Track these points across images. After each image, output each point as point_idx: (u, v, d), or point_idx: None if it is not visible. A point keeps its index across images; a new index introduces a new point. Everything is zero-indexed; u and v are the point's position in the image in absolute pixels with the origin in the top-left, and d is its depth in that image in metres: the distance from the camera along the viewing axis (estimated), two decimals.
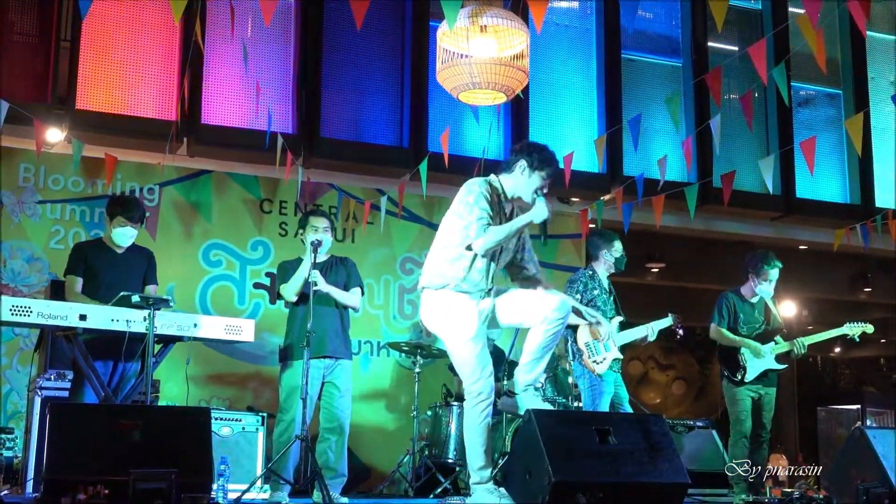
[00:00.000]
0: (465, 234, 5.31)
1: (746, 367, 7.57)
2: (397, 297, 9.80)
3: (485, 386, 5.23)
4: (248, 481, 6.77)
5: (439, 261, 5.41)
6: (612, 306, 7.49)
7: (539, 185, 5.42)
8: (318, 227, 6.95)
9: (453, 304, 5.34)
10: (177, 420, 5.39)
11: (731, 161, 10.56)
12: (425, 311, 5.48)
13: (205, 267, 9.11)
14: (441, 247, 5.44)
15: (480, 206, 5.29)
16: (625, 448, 5.29)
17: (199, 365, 8.34)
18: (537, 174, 5.42)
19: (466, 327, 5.33)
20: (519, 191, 5.45)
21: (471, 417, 5.27)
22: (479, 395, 5.22)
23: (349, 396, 6.90)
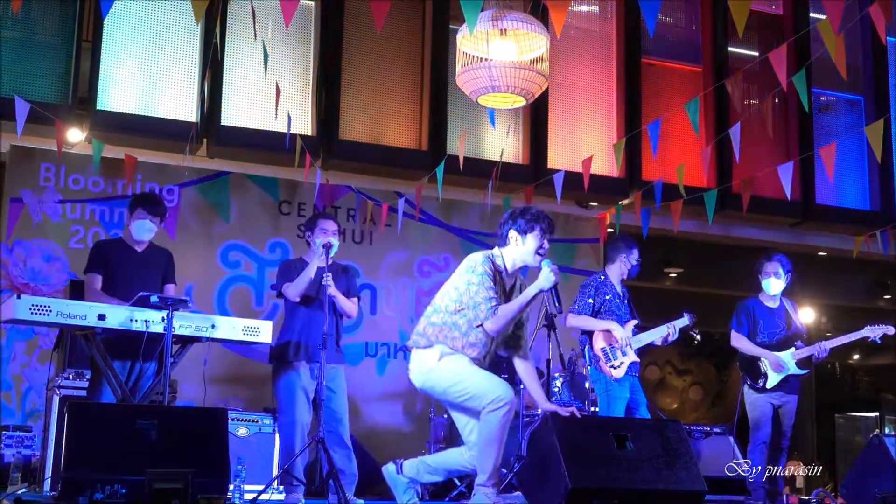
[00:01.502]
0: (460, 308, 5.26)
1: (767, 374, 7.53)
2: (414, 299, 9.78)
3: (504, 391, 5.12)
4: (263, 482, 6.78)
5: (426, 323, 5.38)
6: (626, 310, 7.47)
7: (537, 246, 5.35)
8: (327, 229, 6.95)
9: (443, 354, 5.29)
10: (194, 420, 5.41)
11: (751, 167, 10.50)
12: (411, 368, 5.43)
13: (223, 268, 9.12)
14: (431, 310, 5.40)
15: (486, 287, 5.25)
16: (642, 454, 5.28)
17: (216, 366, 8.34)
18: (530, 236, 5.37)
19: (458, 362, 5.26)
20: (520, 260, 5.39)
21: (489, 424, 5.10)
22: (499, 400, 5.08)
23: (345, 398, 6.91)
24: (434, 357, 5.27)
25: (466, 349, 5.25)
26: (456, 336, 5.26)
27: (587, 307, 7.30)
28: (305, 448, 6.62)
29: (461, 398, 5.20)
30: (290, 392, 6.72)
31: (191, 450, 5.08)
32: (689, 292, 12.59)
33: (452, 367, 5.24)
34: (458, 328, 5.27)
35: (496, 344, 5.41)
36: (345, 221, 9.59)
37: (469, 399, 5.16)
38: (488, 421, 5.08)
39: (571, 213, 10.51)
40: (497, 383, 5.16)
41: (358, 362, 9.34)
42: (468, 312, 5.25)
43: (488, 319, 5.21)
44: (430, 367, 5.31)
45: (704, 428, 8.73)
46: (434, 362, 5.27)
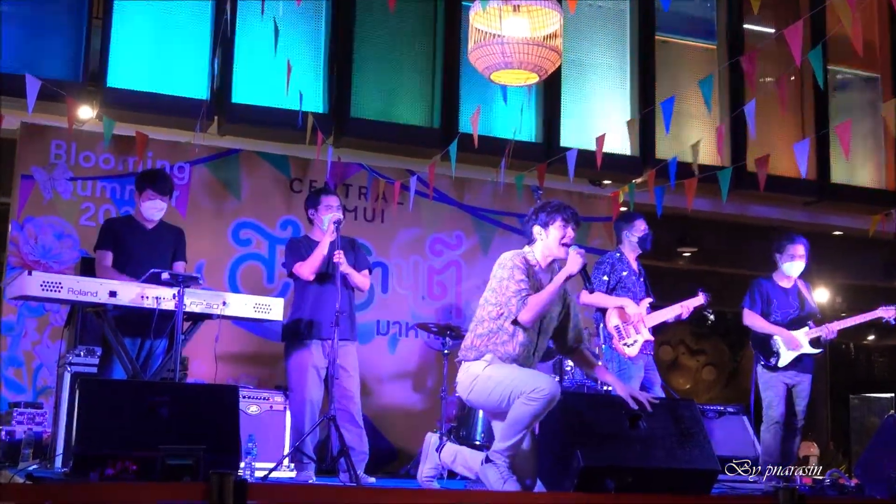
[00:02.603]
0: (501, 310, 5.27)
1: (780, 352, 7.51)
2: (426, 277, 9.78)
3: (546, 383, 5.03)
4: (274, 459, 6.81)
5: (473, 336, 5.39)
6: (642, 288, 7.46)
7: (561, 236, 5.36)
8: (332, 205, 6.96)
9: (490, 363, 5.28)
10: (205, 397, 5.42)
11: (766, 145, 10.45)
12: (458, 380, 5.43)
13: (234, 245, 9.12)
14: (475, 324, 5.42)
15: (516, 280, 5.26)
16: (655, 433, 5.28)
17: (227, 343, 8.34)
18: (552, 228, 5.38)
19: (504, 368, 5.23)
20: (548, 253, 5.39)
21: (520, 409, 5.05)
22: (539, 391, 5.00)
23: (357, 376, 6.93)
24: (480, 366, 5.28)
25: (517, 349, 5.25)
26: (505, 339, 5.27)
27: (602, 284, 7.30)
28: (316, 426, 6.64)
29: (504, 401, 5.14)
30: (302, 370, 6.74)
31: (202, 427, 5.09)
32: (703, 271, 12.58)
33: (497, 372, 5.23)
34: (505, 331, 5.27)
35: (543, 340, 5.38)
36: (356, 199, 9.58)
37: (510, 396, 5.10)
38: (520, 407, 5.04)
39: (584, 191, 10.48)
40: (542, 377, 5.13)
41: (369, 340, 9.35)
42: (505, 311, 5.26)
43: (519, 311, 5.21)
44: (475, 375, 5.31)
45: (718, 408, 8.72)
46: (479, 370, 5.28)
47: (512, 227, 10.05)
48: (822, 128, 10.87)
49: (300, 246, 6.99)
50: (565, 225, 5.36)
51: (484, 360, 5.27)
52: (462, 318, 9.73)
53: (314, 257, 6.80)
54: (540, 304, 5.19)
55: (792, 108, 11.34)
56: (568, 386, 7.94)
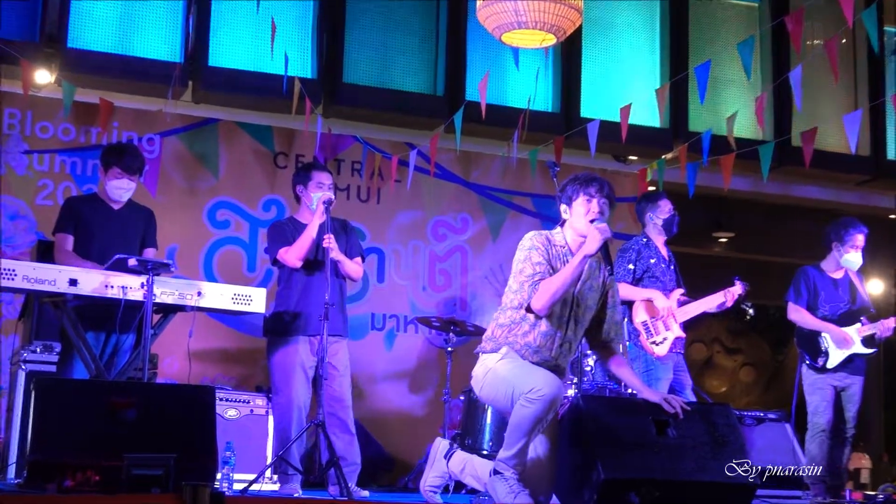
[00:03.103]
0: (520, 298, 5.28)
1: (829, 351, 7.51)
2: (427, 265, 9.78)
3: (545, 384, 5.03)
4: (255, 470, 6.82)
5: (494, 325, 5.41)
6: (672, 278, 7.46)
7: (587, 210, 5.33)
8: (324, 182, 6.96)
9: (505, 356, 5.29)
10: (177, 399, 5.43)
11: (813, 116, 10.43)
12: (473, 374, 5.45)
13: (210, 228, 9.13)
14: (498, 312, 5.43)
15: (532, 262, 5.25)
16: (685, 442, 5.28)
17: (202, 338, 8.37)
18: (576, 203, 5.37)
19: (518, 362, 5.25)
20: (577, 233, 5.35)
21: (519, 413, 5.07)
22: (536, 391, 5.00)
23: (349, 376, 6.95)
24: (495, 359, 5.30)
25: (538, 340, 5.25)
26: (526, 330, 5.28)
27: (627, 274, 7.29)
28: (303, 432, 6.65)
29: (508, 401, 5.16)
30: (287, 369, 6.75)
31: (173, 433, 5.10)
32: (740, 259, 12.58)
33: (505, 368, 5.24)
34: (527, 320, 5.28)
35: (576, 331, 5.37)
36: (348, 176, 9.59)
37: (512, 396, 5.11)
38: (519, 410, 5.05)
39: (607, 167, 10.47)
40: (543, 377, 5.11)
41: (362, 336, 9.36)
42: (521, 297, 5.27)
43: (531, 297, 5.21)
44: (487, 368, 5.33)
45: (757, 413, 8.72)
46: (493, 363, 5.30)
47: (524, 208, 10.05)
48: (877, 97, 10.84)
49: (285, 229, 6.99)
50: (590, 199, 5.34)
51: (500, 353, 5.28)
52: (468, 312, 9.75)
53: (301, 241, 6.80)
54: (553, 290, 5.17)
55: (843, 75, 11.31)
56: (588, 388, 7.95)
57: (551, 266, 5.26)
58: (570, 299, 5.29)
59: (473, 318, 9.58)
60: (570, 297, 5.29)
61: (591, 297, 5.39)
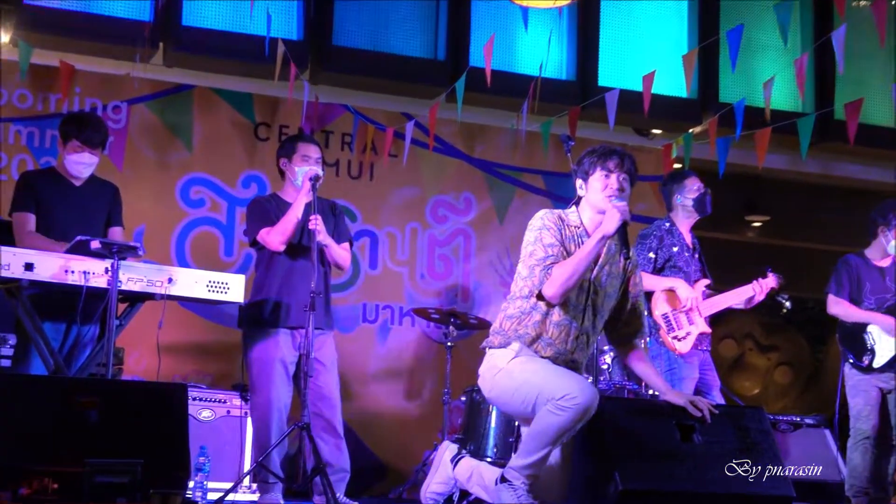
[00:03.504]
0: (529, 284, 5.29)
1: (875, 349, 7.53)
2: (426, 250, 9.78)
3: (580, 391, 5.00)
4: (232, 477, 6.83)
5: (502, 317, 5.41)
6: (696, 267, 7.46)
7: (604, 186, 5.32)
8: (311, 156, 6.96)
9: (518, 353, 5.29)
10: (145, 399, 5.43)
11: (859, 86, 10.42)
12: (481, 372, 5.45)
13: (183, 207, 9.12)
14: (506, 303, 5.45)
15: (544, 244, 5.26)
16: (713, 449, 5.30)
17: (173, 330, 8.34)
18: (593, 179, 5.37)
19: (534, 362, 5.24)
20: (594, 210, 5.35)
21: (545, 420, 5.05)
22: (570, 399, 4.97)
23: (336, 372, 6.96)
24: (506, 357, 5.29)
25: (552, 330, 5.25)
26: (538, 320, 5.28)
27: (647, 262, 7.30)
28: (285, 436, 6.66)
29: (529, 405, 5.14)
30: (266, 365, 6.76)
31: (141, 436, 5.11)
32: (776, 246, 12.59)
33: (524, 368, 5.23)
34: (539, 310, 5.28)
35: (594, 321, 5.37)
36: (338, 150, 9.58)
37: (536, 401, 5.09)
38: (546, 416, 5.02)
39: (628, 142, 10.43)
40: (576, 381, 5.10)
41: (352, 329, 9.37)
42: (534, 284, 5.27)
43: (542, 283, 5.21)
44: (498, 368, 5.32)
45: (794, 418, 8.74)
46: (504, 362, 5.29)
47: (535, 187, 10.05)
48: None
49: (268, 207, 6.99)
50: (608, 174, 5.33)
51: (511, 350, 5.28)
52: (470, 302, 9.75)
53: (286, 221, 6.79)
54: (567, 275, 5.16)
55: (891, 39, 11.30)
56: (604, 388, 7.96)
57: (564, 248, 5.25)
58: (586, 286, 5.29)
59: (477, 309, 9.59)
60: (587, 284, 5.29)
61: (610, 283, 5.39)
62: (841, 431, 8.17)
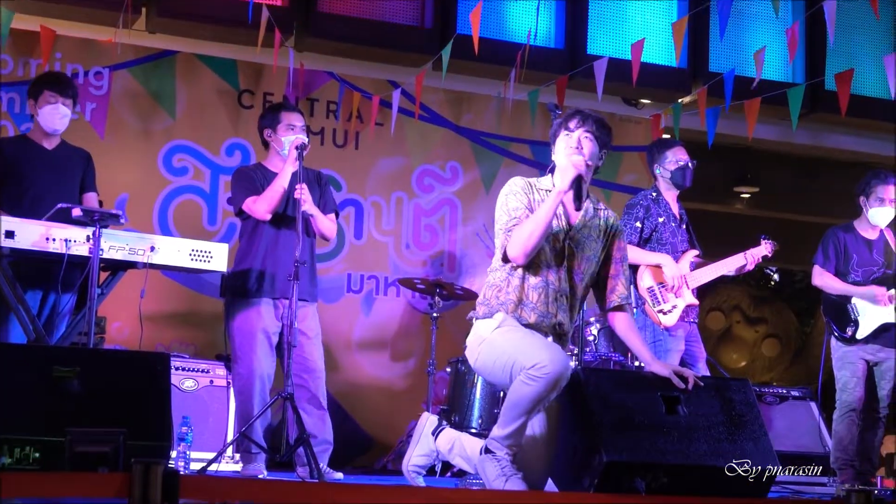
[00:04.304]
0: (501, 252, 5.32)
1: (859, 321, 7.56)
2: (412, 220, 9.79)
3: (550, 359, 5.00)
4: (215, 448, 6.85)
5: (486, 287, 5.44)
6: (683, 237, 7.48)
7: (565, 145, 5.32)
8: (295, 125, 6.97)
9: (502, 323, 5.29)
10: (127, 368, 5.43)
11: (850, 57, 10.44)
12: (468, 342, 5.45)
13: (166, 175, 9.12)
14: (489, 269, 5.46)
15: (509, 208, 5.29)
16: (698, 421, 5.32)
17: (156, 300, 8.38)
18: (558, 141, 5.38)
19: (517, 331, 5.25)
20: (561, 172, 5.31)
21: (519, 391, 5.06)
22: (539, 368, 4.98)
23: (320, 343, 7.00)
24: (490, 327, 5.30)
25: (530, 294, 5.27)
26: (517, 285, 5.29)
27: (633, 232, 7.30)
28: (268, 406, 6.68)
29: (507, 375, 5.16)
30: (248, 334, 6.78)
31: (123, 405, 5.11)
32: (765, 218, 12.61)
33: (502, 338, 5.24)
34: (517, 275, 5.30)
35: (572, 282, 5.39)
36: (323, 118, 9.58)
37: (512, 371, 5.11)
38: (518, 386, 5.05)
39: (616, 112, 10.47)
40: (549, 351, 5.09)
41: (337, 299, 9.39)
42: None
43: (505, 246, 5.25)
44: (482, 338, 5.34)
45: (779, 390, 8.79)
46: (488, 332, 5.30)
47: (522, 156, 10.06)
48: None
49: (253, 176, 7.00)
50: (569, 133, 5.33)
51: (495, 320, 5.29)
52: (457, 272, 9.77)
53: (272, 191, 6.80)
54: (526, 234, 5.16)
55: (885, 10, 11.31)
56: (590, 360, 7.99)
57: (531, 212, 5.26)
58: (560, 246, 5.30)
59: (462, 279, 9.61)
60: (562, 245, 5.31)
61: (588, 245, 5.38)
62: (827, 404, 8.22)
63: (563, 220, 5.34)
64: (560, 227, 5.31)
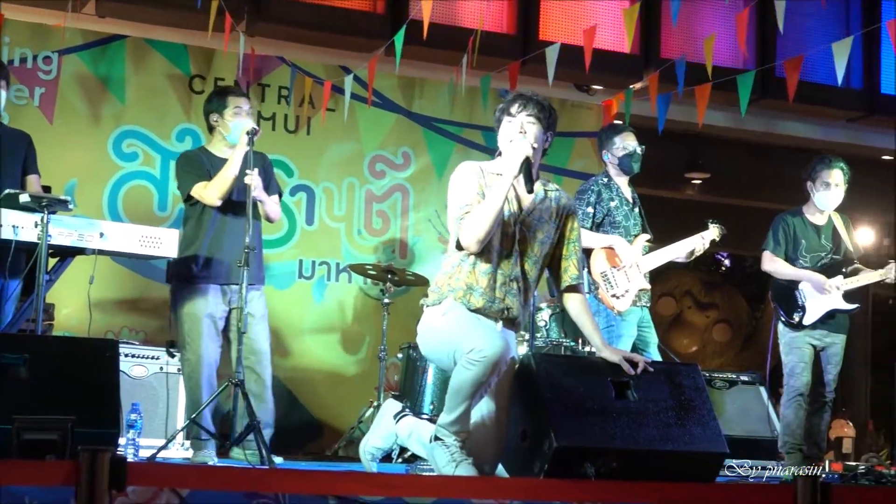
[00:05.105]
0: (454, 239, 5.31)
1: (806, 306, 7.61)
2: (363, 205, 9.78)
3: (487, 345, 5.03)
4: (164, 435, 6.83)
5: (439, 274, 5.44)
6: (636, 222, 7.51)
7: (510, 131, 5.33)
8: (242, 108, 6.94)
9: (450, 310, 5.30)
10: (75, 355, 5.40)
11: (800, 43, 10.50)
12: (418, 330, 5.47)
13: (116, 160, 9.07)
14: (444, 257, 5.47)
15: (461, 195, 5.27)
16: (648, 406, 5.33)
17: (105, 286, 8.34)
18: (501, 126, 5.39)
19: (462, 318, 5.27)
20: (505, 155, 5.31)
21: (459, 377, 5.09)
22: (476, 353, 5.00)
23: (267, 325, 6.99)
24: (438, 313, 5.31)
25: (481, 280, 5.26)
26: (468, 271, 5.29)
27: (585, 218, 7.32)
28: (219, 392, 6.67)
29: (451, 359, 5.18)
30: (196, 321, 6.77)
31: (71, 393, 5.09)
32: (716, 203, 12.67)
33: (446, 325, 5.26)
34: (469, 262, 5.29)
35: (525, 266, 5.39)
36: (275, 104, 9.55)
37: (454, 356, 5.14)
38: (459, 372, 5.07)
39: (569, 98, 10.50)
40: (486, 336, 5.11)
41: (288, 285, 9.38)
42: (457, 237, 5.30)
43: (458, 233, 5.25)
44: (430, 325, 5.36)
45: (729, 375, 8.84)
46: (437, 318, 5.32)
47: (474, 142, 10.07)
48: (872, 22, 10.90)
49: (200, 160, 6.97)
50: (511, 118, 5.33)
51: (443, 306, 5.31)
52: (409, 258, 9.78)
53: (223, 177, 6.76)
54: (477, 221, 5.16)
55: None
56: (541, 345, 8.02)
57: (483, 198, 5.27)
58: (512, 231, 5.31)
59: (414, 265, 9.61)
60: (513, 229, 5.31)
61: (540, 228, 5.38)
62: (775, 389, 8.28)
63: (515, 205, 5.34)
64: (511, 211, 5.31)
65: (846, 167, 7.74)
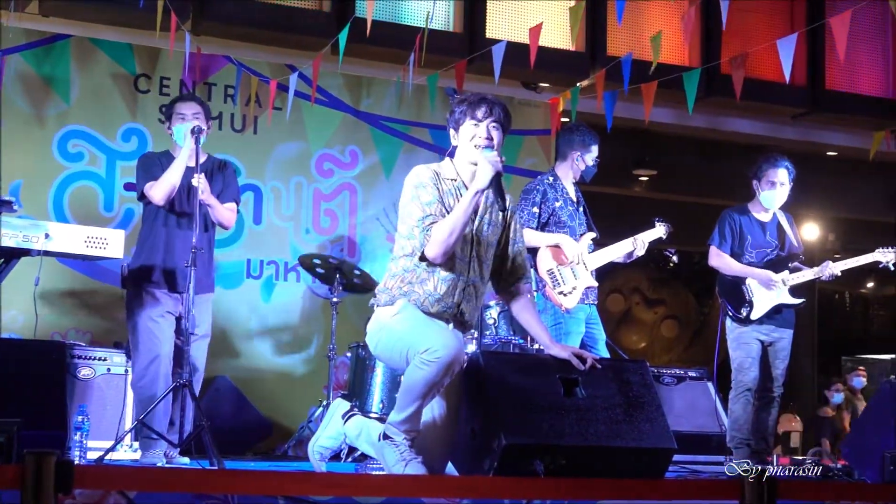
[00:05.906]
0: (412, 244, 5.28)
1: (753, 301, 7.67)
2: (311, 204, 9.77)
3: (442, 344, 5.01)
4: (113, 437, 6.80)
5: (387, 276, 5.41)
6: (581, 220, 7.54)
7: (472, 135, 5.31)
8: (185, 113, 6.92)
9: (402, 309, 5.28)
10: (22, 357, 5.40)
11: (745, 40, 10.57)
12: (368, 329, 5.44)
13: (61, 161, 9.02)
14: (391, 258, 5.45)
15: (422, 202, 5.25)
16: (596, 403, 5.36)
17: (52, 287, 8.30)
18: (463, 129, 5.36)
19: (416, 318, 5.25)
20: (467, 160, 5.34)
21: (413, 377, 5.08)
22: (431, 353, 4.99)
23: (207, 342, 7.01)
24: (390, 313, 5.29)
25: (439, 287, 5.25)
26: (424, 277, 5.26)
27: (531, 218, 7.34)
28: (167, 394, 6.64)
29: (403, 360, 5.17)
30: (148, 325, 6.73)
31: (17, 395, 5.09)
32: (663, 201, 12.73)
33: (400, 324, 5.24)
34: (423, 268, 5.27)
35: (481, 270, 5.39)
36: (221, 103, 9.51)
37: (407, 356, 5.12)
38: (412, 371, 5.06)
39: (515, 95, 10.52)
40: (441, 337, 5.10)
41: (237, 285, 9.35)
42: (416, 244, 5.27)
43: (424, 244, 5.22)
44: (382, 324, 5.33)
45: (677, 371, 8.89)
46: (388, 318, 5.30)
47: (421, 140, 10.08)
48: (817, 19, 10.99)
49: (157, 161, 6.97)
50: (477, 123, 5.32)
51: (395, 307, 5.30)
52: (357, 257, 9.77)
53: (168, 176, 6.75)
54: (446, 234, 5.16)
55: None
56: (490, 343, 8.04)
57: (443, 204, 5.26)
58: (469, 237, 5.31)
59: (362, 263, 9.60)
60: (471, 236, 5.31)
61: (491, 232, 5.40)
62: (723, 384, 8.33)
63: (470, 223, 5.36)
64: None
65: (791, 166, 7.80)
